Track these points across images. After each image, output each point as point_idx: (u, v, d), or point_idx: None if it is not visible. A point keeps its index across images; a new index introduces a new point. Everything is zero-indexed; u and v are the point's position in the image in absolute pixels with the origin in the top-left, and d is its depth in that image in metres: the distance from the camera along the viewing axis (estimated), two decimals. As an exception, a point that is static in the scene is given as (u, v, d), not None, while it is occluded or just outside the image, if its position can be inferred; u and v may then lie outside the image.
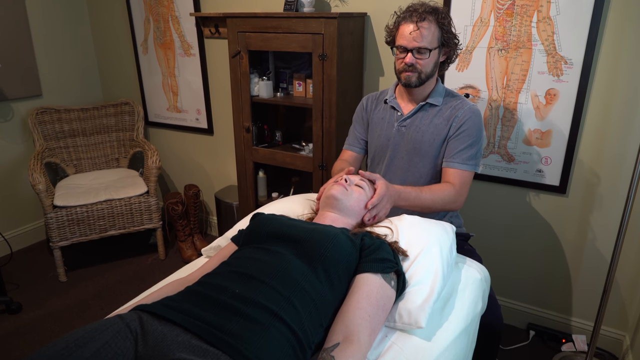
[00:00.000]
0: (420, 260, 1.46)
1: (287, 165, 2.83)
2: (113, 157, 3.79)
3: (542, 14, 2.21)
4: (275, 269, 1.24)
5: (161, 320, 1.11)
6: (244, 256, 1.34)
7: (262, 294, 1.16)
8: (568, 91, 2.25)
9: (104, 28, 3.83)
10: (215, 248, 1.79)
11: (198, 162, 3.79)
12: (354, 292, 1.28)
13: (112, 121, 3.75)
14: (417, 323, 1.33)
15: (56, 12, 3.64)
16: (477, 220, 2.65)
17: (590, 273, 2.47)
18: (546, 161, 2.39)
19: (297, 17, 2.46)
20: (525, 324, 2.70)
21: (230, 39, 2.71)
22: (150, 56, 3.63)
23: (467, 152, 1.86)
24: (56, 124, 3.54)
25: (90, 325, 1.08)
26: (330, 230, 1.38)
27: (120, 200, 3.22)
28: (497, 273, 2.62)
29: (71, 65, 3.80)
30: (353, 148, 2.17)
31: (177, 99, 3.64)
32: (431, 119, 1.91)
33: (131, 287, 3.11)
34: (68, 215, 3.07)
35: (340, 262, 1.30)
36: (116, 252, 3.58)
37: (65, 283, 3.18)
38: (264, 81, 2.79)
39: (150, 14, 3.48)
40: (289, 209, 1.80)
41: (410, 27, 1.79)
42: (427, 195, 1.77)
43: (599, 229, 2.38)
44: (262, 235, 1.42)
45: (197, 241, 3.61)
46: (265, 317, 1.11)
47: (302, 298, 1.19)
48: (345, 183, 1.61)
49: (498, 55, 2.35)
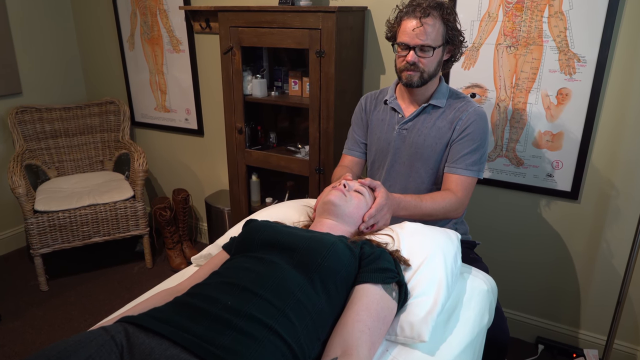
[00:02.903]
0: (423, 270, 1.46)
1: (281, 169, 2.84)
2: (97, 160, 3.79)
3: (554, 9, 2.22)
4: (269, 280, 1.24)
5: (148, 333, 1.11)
6: (236, 266, 1.34)
7: (255, 306, 1.16)
8: (581, 91, 2.26)
9: (88, 22, 3.84)
10: (205, 256, 1.80)
11: (187, 165, 3.79)
12: (352, 303, 1.28)
13: (96, 121, 3.75)
14: (420, 337, 1.33)
15: (37, 5, 3.64)
16: (484, 228, 2.66)
17: (602, 284, 2.48)
18: (557, 165, 2.40)
19: (293, 11, 2.47)
20: (533, 338, 2.71)
21: (222, 34, 2.72)
22: (137, 52, 3.64)
23: (470, 157, 1.86)
24: (37, 123, 3.54)
25: (73, 338, 1.08)
26: (327, 238, 1.38)
27: (105, 205, 3.21)
28: (504, 283, 2.63)
29: (53, 62, 3.80)
30: (353, 152, 2.17)
31: (166, 98, 3.64)
32: (434, 122, 1.92)
33: (116, 298, 3.10)
34: (49, 220, 3.07)
35: (338, 272, 1.30)
36: (100, 260, 3.57)
37: (47, 292, 3.18)
38: (258, 79, 2.80)
39: (137, 7, 3.48)
40: (283, 216, 1.80)
41: (413, 22, 1.78)
42: (427, 204, 1.78)
43: (612, 237, 2.39)
44: (255, 243, 1.42)
45: (186, 249, 3.61)
46: (259, 330, 1.11)
47: (297, 310, 1.19)
48: (343, 189, 1.61)
49: (507, 53, 2.37)
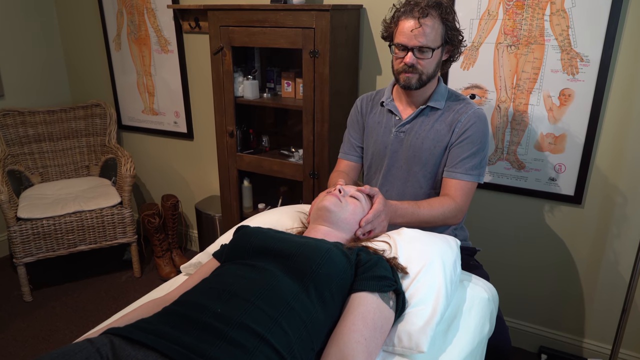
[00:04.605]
0: (422, 277, 1.46)
1: (274, 174, 2.84)
2: (83, 165, 3.78)
3: (555, 6, 2.23)
4: (261, 287, 1.23)
5: (135, 345, 1.10)
6: (227, 273, 1.34)
7: (247, 314, 1.15)
8: (584, 91, 2.27)
9: (73, 21, 3.83)
10: (195, 265, 1.80)
11: (177, 170, 3.79)
12: (348, 312, 1.28)
13: (81, 125, 3.74)
14: (418, 347, 1.33)
15: (18, 3, 3.62)
16: (484, 233, 2.66)
17: (607, 291, 2.48)
18: (560, 168, 2.41)
19: (285, 10, 2.48)
20: (536, 347, 2.71)
21: (212, 34, 2.72)
22: (124, 53, 3.63)
23: (470, 161, 1.86)
24: (20, 127, 3.53)
25: (57, 350, 1.07)
26: (322, 244, 1.38)
27: (91, 212, 3.20)
28: (506, 291, 2.64)
29: (36, 63, 3.79)
30: (349, 157, 2.17)
31: (154, 100, 3.64)
32: (432, 124, 1.92)
33: (103, 308, 3.09)
34: (33, 228, 3.06)
35: (333, 279, 1.30)
36: (87, 270, 3.56)
37: (31, 303, 3.16)
38: (249, 80, 2.80)
39: (124, 6, 3.48)
40: (276, 222, 1.80)
41: (411, 23, 1.78)
42: (425, 211, 1.79)
43: (617, 242, 2.40)
44: (247, 250, 1.42)
45: (175, 257, 3.60)
46: (251, 340, 1.11)
47: (291, 319, 1.19)
48: (339, 194, 1.61)
49: (507, 52, 2.38)
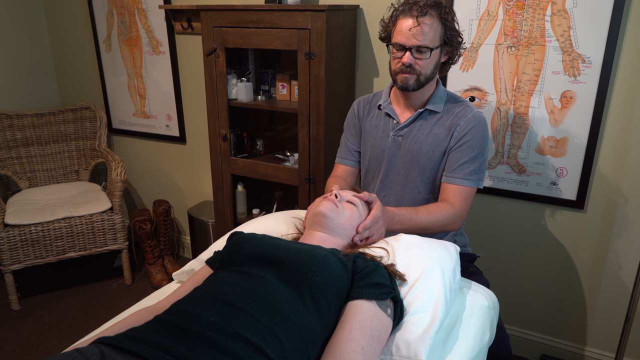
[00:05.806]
0: (420, 285, 1.46)
1: (269, 178, 2.84)
2: (72, 169, 3.77)
3: (557, 7, 2.23)
4: (256, 295, 1.23)
5: (126, 355, 1.10)
6: (220, 280, 1.34)
7: (241, 323, 1.15)
8: (586, 93, 2.28)
9: (61, 22, 3.83)
10: (188, 272, 1.79)
11: (169, 175, 3.78)
12: (345, 321, 1.27)
13: (70, 128, 3.74)
14: (417, 356, 1.33)
15: (4, 3, 3.61)
16: (484, 239, 2.67)
17: (610, 299, 2.49)
18: (561, 172, 2.42)
19: (280, 10, 2.48)
20: (537, 356, 2.71)
21: (205, 35, 2.72)
22: (114, 54, 3.63)
23: (469, 166, 1.87)
24: (7, 131, 3.52)
25: (45, 361, 1.07)
26: (318, 251, 1.38)
27: (81, 218, 3.20)
28: (506, 298, 2.64)
29: (24, 65, 3.78)
30: (346, 161, 2.17)
31: (145, 103, 3.64)
32: (431, 128, 1.92)
33: (93, 317, 3.09)
34: (21, 235, 3.05)
35: (330, 287, 1.30)
36: (76, 277, 3.55)
37: (18, 312, 3.15)
38: (243, 83, 2.80)
39: (114, 6, 3.48)
40: (271, 228, 1.80)
41: (410, 22, 1.78)
42: (423, 217, 1.79)
43: (620, 248, 2.40)
44: (240, 257, 1.42)
45: (167, 264, 3.59)
46: (245, 350, 1.11)
47: (286, 328, 1.19)
48: (335, 199, 1.61)
49: (507, 53, 2.38)
